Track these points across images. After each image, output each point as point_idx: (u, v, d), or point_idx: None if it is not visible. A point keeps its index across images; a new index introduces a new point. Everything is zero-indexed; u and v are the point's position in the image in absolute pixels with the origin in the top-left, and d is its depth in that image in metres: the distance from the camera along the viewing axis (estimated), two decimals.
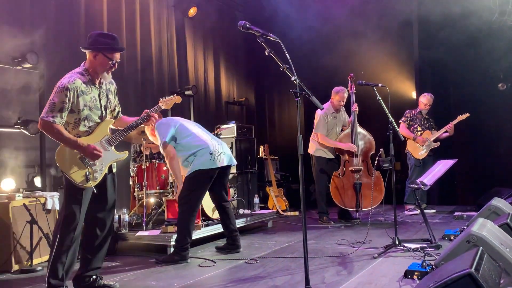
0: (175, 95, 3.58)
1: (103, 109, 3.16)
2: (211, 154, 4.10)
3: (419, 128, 6.55)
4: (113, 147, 3.16)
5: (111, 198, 3.23)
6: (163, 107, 3.43)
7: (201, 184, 4.11)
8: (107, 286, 3.22)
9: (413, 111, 6.62)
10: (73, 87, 2.94)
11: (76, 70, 3.08)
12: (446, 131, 6.45)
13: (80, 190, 3.00)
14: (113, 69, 3.12)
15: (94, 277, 3.21)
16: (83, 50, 3.11)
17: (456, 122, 6.41)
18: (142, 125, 3.32)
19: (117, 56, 3.10)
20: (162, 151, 4.15)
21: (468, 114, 6.39)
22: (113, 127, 3.31)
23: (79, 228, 3.04)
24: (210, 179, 4.15)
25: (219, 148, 4.22)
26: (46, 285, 2.98)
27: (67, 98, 2.92)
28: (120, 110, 3.43)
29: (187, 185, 4.08)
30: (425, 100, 6.57)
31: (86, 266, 3.18)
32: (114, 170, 3.30)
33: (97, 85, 3.14)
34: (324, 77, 7.56)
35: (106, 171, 3.16)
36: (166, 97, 3.52)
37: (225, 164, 4.20)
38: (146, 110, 3.30)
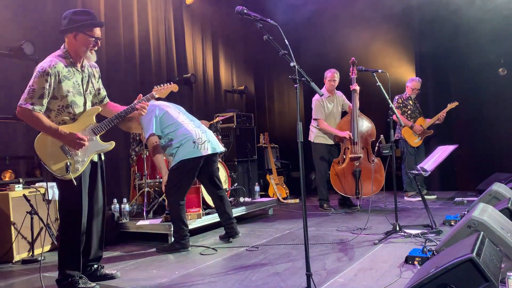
0: (171, 83, 3.42)
1: (85, 94, 3.02)
2: (194, 142, 4.03)
3: (412, 115, 6.50)
4: (98, 136, 3.01)
5: (102, 186, 3.16)
6: (156, 96, 3.26)
7: (186, 175, 4.04)
8: (108, 275, 3.23)
9: (403, 96, 6.54)
10: (54, 71, 2.78)
11: (56, 53, 2.92)
12: (438, 118, 6.43)
13: (71, 183, 2.86)
14: (96, 47, 2.96)
15: (95, 266, 3.22)
16: (62, 34, 2.94)
17: (447, 110, 6.38)
18: (131, 115, 3.12)
19: (97, 32, 2.93)
20: (146, 142, 4.10)
21: (457, 103, 6.39)
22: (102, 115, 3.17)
23: (84, 218, 2.98)
24: (195, 169, 4.08)
25: (203, 136, 4.14)
26: (60, 276, 2.98)
27: (48, 84, 2.75)
28: (106, 94, 3.25)
29: (172, 176, 4.03)
30: (413, 84, 6.52)
31: (87, 256, 3.17)
32: (103, 157, 3.18)
33: (80, 69, 2.98)
34: (323, 63, 7.49)
35: (96, 159, 3.06)
36: (161, 85, 3.35)
37: (210, 152, 4.12)
38: (140, 95, 3.14)
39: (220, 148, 4.34)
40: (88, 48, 2.92)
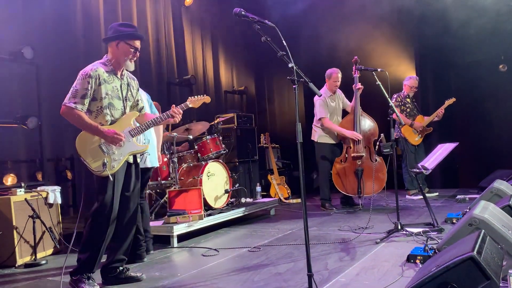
0: (204, 95, 3.57)
1: (124, 99, 3.19)
2: None
3: (411, 113, 6.50)
4: (134, 138, 3.17)
5: (135, 188, 3.25)
6: (190, 105, 3.44)
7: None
8: (133, 278, 3.24)
9: (401, 95, 6.53)
10: (95, 74, 3.00)
11: (98, 61, 3.15)
12: (436, 115, 6.43)
13: (107, 180, 3.01)
14: (135, 58, 3.18)
15: (120, 268, 3.24)
16: (105, 43, 3.17)
17: (445, 107, 6.38)
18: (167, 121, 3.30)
19: (137, 43, 3.17)
20: None
21: (454, 99, 6.38)
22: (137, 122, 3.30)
23: (113, 218, 3.07)
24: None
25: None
26: (76, 267, 3.04)
27: (89, 85, 2.97)
28: (144, 106, 3.43)
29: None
30: (411, 82, 6.51)
31: (112, 257, 3.22)
32: (139, 160, 3.31)
33: (119, 76, 3.18)
34: (321, 61, 7.50)
35: (131, 160, 3.19)
36: (196, 96, 3.53)
37: (147, 166, 3.92)
38: (173, 105, 3.31)
39: (155, 163, 4.03)
40: (128, 57, 3.15)
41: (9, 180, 4.43)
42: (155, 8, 6.98)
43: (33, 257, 4.02)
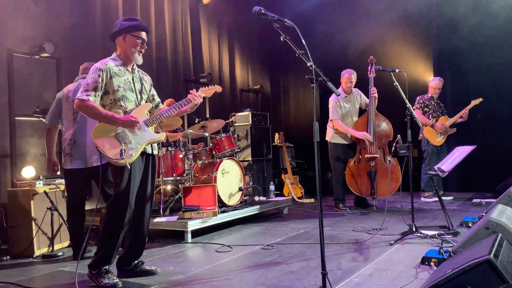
0: (215, 85, 3.59)
1: (137, 92, 3.21)
2: None
3: (434, 114, 6.45)
4: (150, 128, 3.19)
5: (151, 180, 3.28)
6: (202, 95, 3.42)
7: None
8: (148, 271, 3.28)
9: (425, 97, 6.51)
10: (105, 68, 3.05)
11: (108, 57, 3.20)
12: (461, 116, 6.37)
13: (124, 169, 3.02)
14: (143, 50, 3.20)
15: (135, 262, 3.29)
16: (112, 39, 3.20)
17: (470, 107, 6.32)
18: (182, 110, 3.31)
19: (143, 34, 3.20)
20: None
21: (481, 99, 6.31)
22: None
23: (130, 209, 3.08)
24: None
25: None
26: (94, 260, 3.07)
27: (100, 78, 3.02)
28: (160, 101, 3.46)
29: None
30: (434, 84, 6.48)
31: (128, 249, 3.26)
32: (155, 152, 3.32)
33: (130, 70, 3.22)
34: (334, 60, 7.47)
35: (149, 151, 3.21)
36: (207, 86, 3.53)
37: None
38: (193, 90, 3.32)
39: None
40: (136, 49, 3.17)
41: (28, 172, 4.52)
42: (172, 6, 7.03)
43: (50, 248, 4.10)
